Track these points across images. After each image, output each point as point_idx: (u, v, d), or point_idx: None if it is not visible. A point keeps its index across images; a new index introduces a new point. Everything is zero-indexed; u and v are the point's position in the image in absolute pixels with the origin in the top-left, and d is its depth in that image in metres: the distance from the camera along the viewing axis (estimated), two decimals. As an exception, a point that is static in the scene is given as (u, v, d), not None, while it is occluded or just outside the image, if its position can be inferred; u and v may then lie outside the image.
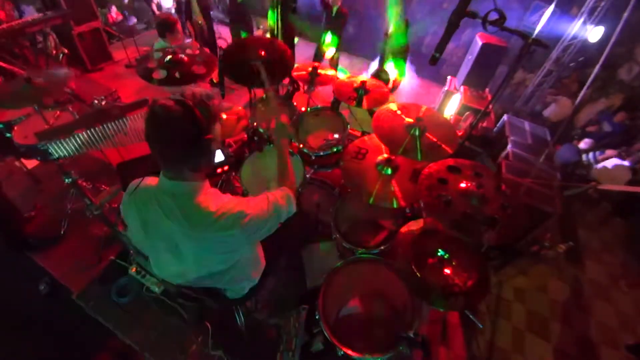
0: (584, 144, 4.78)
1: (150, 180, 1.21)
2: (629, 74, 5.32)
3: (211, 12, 5.33)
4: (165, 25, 3.02)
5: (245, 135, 2.57)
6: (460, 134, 4.43)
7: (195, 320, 2.17)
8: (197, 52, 2.40)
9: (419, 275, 1.58)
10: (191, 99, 1.02)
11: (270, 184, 1.45)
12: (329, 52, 4.87)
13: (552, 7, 4.92)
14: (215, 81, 2.73)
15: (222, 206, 1.15)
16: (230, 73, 2.23)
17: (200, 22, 4.95)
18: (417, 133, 1.75)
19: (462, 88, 5.00)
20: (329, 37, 4.72)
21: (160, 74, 2.17)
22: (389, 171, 1.95)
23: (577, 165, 4.71)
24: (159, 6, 7.06)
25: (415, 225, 1.88)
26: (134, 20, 6.42)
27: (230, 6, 5.04)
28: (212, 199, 1.16)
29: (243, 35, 5.05)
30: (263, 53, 2.24)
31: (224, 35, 5.88)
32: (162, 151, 1.06)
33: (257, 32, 5.87)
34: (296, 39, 5.19)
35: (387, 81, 3.25)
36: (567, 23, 5.02)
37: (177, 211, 1.13)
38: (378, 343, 1.57)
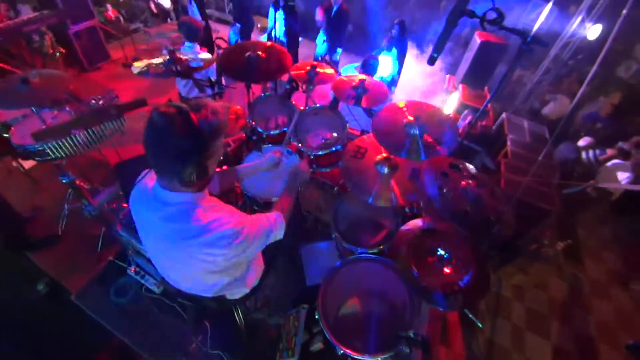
0: (583, 141, 4.78)
1: (150, 180, 1.17)
2: (627, 72, 5.33)
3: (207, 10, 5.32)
4: (193, 30, 3.01)
5: (244, 135, 2.56)
6: (459, 132, 4.43)
7: (195, 320, 2.16)
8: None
9: (418, 274, 1.58)
10: (197, 111, 0.96)
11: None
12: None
13: (550, 4, 4.92)
14: (212, 80, 2.71)
15: (214, 220, 1.07)
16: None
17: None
18: (416, 132, 1.75)
19: (460, 86, 5.00)
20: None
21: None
22: (388, 170, 1.95)
23: (577, 163, 4.71)
24: (157, 5, 7.04)
25: (414, 224, 1.87)
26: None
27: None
28: (205, 212, 1.09)
29: None
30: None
31: (221, 33, 5.86)
32: (155, 160, 1.02)
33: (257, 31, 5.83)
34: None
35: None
36: (566, 21, 5.02)
37: (165, 219, 1.08)
38: (378, 342, 1.57)
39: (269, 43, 2.53)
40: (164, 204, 1.08)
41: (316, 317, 1.60)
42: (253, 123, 2.40)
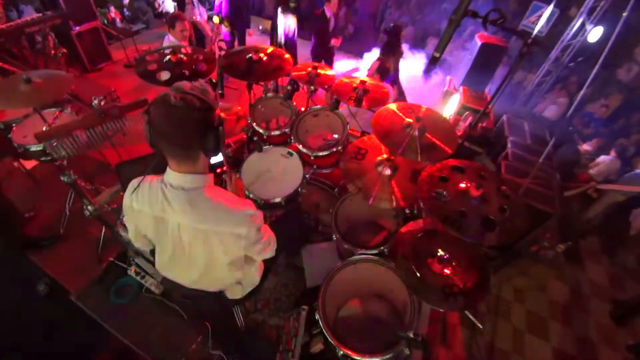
0: (585, 145, 4.78)
1: (152, 178, 1.20)
2: (627, 74, 5.33)
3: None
4: (174, 17, 3.29)
5: (245, 136, 2.57)
6: (459, 134, 4.43)
7: (195, 320, 2.16)
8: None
9: (418, 275, 1.58)
10: (195, 91, 1.07)
11: None
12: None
13: (551, 7, 4.93)
14: (214, 80, 2.72)
15: (234, 201, 1.19)
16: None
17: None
18: (416, 133, 1.75)
19: (461, 88, 5.00)
20: None
21: (163, 75, 2.16)
22: (389, 171, 1.95)
23: (577, 165, 4.71)
24: (159, 6, 7.06)
25: (415, 226, 1.88)
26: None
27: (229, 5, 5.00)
28: (221, 194, 1.19)
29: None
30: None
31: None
32: (184, 140, 1.08)
33: (252, 33, 5.75)
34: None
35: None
36: (567, 23, 5.03)
37: (186, 204, 1.14)
38: (378, 343, 1.57)
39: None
40: (182, 189, 1.15)
41: (316, 318, 1.60)
42: (254, 124, 2.40)
